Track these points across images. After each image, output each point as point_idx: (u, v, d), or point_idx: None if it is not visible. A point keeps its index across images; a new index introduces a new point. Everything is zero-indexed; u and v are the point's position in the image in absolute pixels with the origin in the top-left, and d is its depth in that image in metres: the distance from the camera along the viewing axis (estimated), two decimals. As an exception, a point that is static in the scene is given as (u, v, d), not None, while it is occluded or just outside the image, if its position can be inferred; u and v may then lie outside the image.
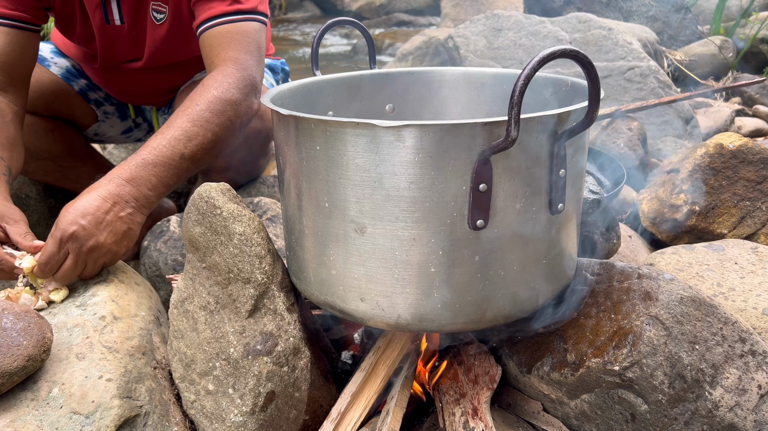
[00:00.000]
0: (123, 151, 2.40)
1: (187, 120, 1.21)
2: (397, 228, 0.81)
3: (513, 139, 0.72)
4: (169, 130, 1.20)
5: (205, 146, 1.23)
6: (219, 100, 1.24)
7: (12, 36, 1.37)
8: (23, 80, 1.43)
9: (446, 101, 1.24)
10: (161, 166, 1.17)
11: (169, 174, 1.19)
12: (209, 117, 1.23)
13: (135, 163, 1.16)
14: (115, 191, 1.12)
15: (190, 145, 1.20)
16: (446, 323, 0.86)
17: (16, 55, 1.38)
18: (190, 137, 1.20)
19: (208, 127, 1.22)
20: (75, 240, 1.07)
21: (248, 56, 1.34)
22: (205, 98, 1.24)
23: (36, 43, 1.43)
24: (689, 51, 3.53)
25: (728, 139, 1.55)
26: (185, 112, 1.22)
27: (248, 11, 1.37)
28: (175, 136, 1.19)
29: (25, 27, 1.39)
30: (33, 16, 1.40)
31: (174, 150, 1.18)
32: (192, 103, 1.23)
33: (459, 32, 3.00)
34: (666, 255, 1.36)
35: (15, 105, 1.38)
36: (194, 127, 1.21)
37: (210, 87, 1.26)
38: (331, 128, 0.80)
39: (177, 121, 1.21)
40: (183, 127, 1.20)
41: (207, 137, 1.22)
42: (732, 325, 0.92)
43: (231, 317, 0.98)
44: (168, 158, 1.18)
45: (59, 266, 1.09)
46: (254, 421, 0.94)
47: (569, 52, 0.72)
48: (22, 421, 0.89)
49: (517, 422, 1.01)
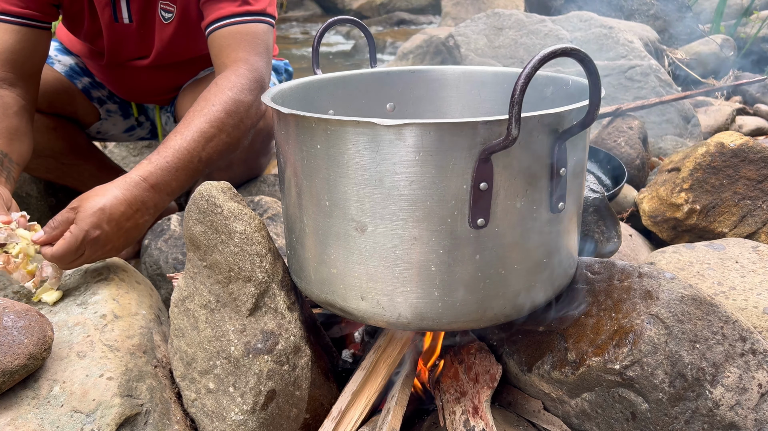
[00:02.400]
0: (124, 149, 2.40)
1: (205, 121, 1.21)
2: (397, 227, 0.81)
3: (514, 137, 0.72)
4: (188, 130, 1.20)
5: (220, 148, 1.23)
6: (234, 101, 1.25)
7: (23, 34, 1.37)
8: (33, 76, 1.43)
9: (447, 100, 1.24)
10: (182, 170, 1.18)
11: (187, 177, 1.20)
12: (225, 118, 1.23)
13: (159, 166, 1.16)
14: (140, 197, 1.13)
15: (207, 147, 1.21)
16: (447, 322, 0.86)
17: (27, 52, 1.39)
18: (207, 139, 1.20)
19: (223, 128, 1.23)
20: (95, 243, 1.08)
21: (258, 58, 1.34)
22: (220, 99, 1.24)
23: (47, 40, 1.44)
24: (690, 50, 3.53)
25: (729, 138, 1.55)
26: (201, 113, 1.22)
27: (258, 12, 1.38)
28: (194, 137, 1.19)
29: (35, 25, 1.39)
30: (43, 13, 1.40)
31: (193, 153, 1.19)
32: (208, 103, 1.23)
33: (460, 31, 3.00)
34: (667, 254, 1.36)
35: (23, 99, 1.39)
36: (211, 129, 1.21)
37: (225, 88, 1.26)
38: (332, 127, 0.80)
39: (194, 122, 1.21)
40: (201, 128, 1.20)
41: (222, 139, 1.23)
42: (733, 324, 0.92)
43: (232, 315, 0.98)
44: (188, 162, 1.18)
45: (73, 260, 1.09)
46: (255, 420, 0.94)
47: (570, 50, 0.72)
48: (23, 419, 0.89)
49: (517, 421, 1.01)
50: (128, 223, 1.11)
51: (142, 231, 1.16)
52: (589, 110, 0.78)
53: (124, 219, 1.10)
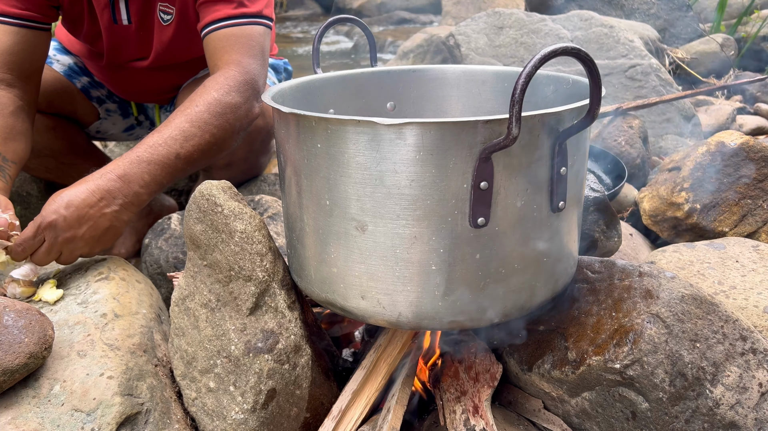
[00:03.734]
0: (124, 148, 2.40)
1: (186, 120, 1.21)
2: (398, 226, 0.81)
3: (514, 137, 0.72)
4: (166, 128, 1.20)
5: (202, 147, 1.22)
6: (218, 102, 1.24)
7: (22, 35, 1.37)
8: (32, 77, 1.43)
9: (447, 99, 1.24)
10: (155, 164, 1.17)
11: (163, 173, 1.18)
12: (208, 119, 1.22)
13: (129, 159, 1.16)
14: (104, 186, 1.12)
15: (186, 145, 1.20)
16: (447, 321, 0.86)
17: (25, 53, 1.38)
18: (187, 137, 1.20)
19: (206, 128, 1.22)
20: (52, 229, 1.08)
21: (251, 60, 1.34)
22: (204, 99, 1.23)
23: (47, 41, 1.44)
24: (691, 49, 3.52)
25: (729, 137, 1.55)
26: (184, 112, 1.22)
27: (253, 15, 1.37)
28: (172, 135, 1.19)
29: (34, 26, 1.39)
30: (43, 14, 1.40)
31: (170, 149, 1.18)
32: (192, 103, 1.23)
33: (460, 30, 3.00)
34: (667, 253, 1.36)
35: (20, 99, 1.38)
36: (192, 128, 1.21)
37: (210, 89, 1.25)
38: (332, 126, 0.80)
39: (175, 121, 1.21)
40: (181, 126, 1.20)
41: (204, 138, 1.22)
42: (733, 323, 0.92)
43: (232, 315, 0.98)
44: (163, 157, 1.17)
45: (33, 250, 1.11)
46: (255, 419, 0.94)
47: (571, 49, 0.72)
48: (23, 418, 0.89)
49: (517, 420, 1.01)
50: (92, 211, 1.11)
51: (116, 223, 1.15)
52: (590, 109, 0.78)
53: (86, 206, 1.10)
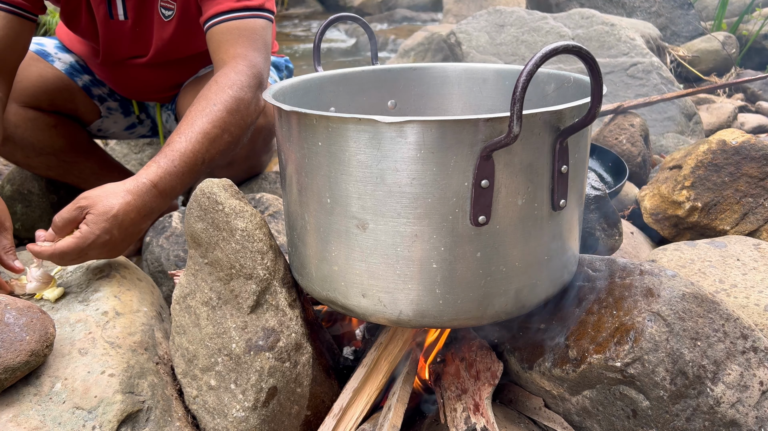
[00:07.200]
0: (126, 146, 2.40)
1: (208, 122, 1.20)
2: (398, 224, 0.81)
3: (515, 135, 0.72)
4: (191, 131, 1.19)
5: (222, 148, 1.23)
6: (234, 99, 1.24)
7: (8, 21, 1.36)
8: (10, 68, 1.41)
9: (448, 97, 1.24)
10: (187, 174, 1.18)
11: (191, 180, 1.20)
12: (227, 117, 1.23)
13: (169, 171, 1.15)
14: (149, 204, 1.13)
15: (211, 149, 1.20)
16: (448, 319, 0.86)
17: (9, 41, 1.37)
18: (211, 141, 1.20)
19: (226, 128, 1.22)
20: (102, 247, 1.08)
21: (257, 53, 1.34)
22: (221, 98, 1.23)
23: (30, 33, 1.42)
24: (692, 47, 3.52)
25: (731, 135, 1.55)
26: (203, 112, 1.21)
27: (256, 8, 1.37)
28: (198, 139, 1.19)
29: (21, 14, 1.37)
30: (31, 4, 1.38)
31: (197, 156, 1.19)
32: (209, 102, 1.23)
33: (461, 28, 3.00)
34: (668, 251, 1.36)
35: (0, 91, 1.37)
36: (214, 129, 1.21)
37: (225, 86, 1.25)
38: (333, 124, 0.80)
39: (197, 122, 1.20)
40: (204, 129, 1.20)
41: (224, 139, 1.23)
42: (734, 322, 0.92)
43: (233, 313, 0.98)
44: (192, 164, 1.18)
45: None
46: (256, 417, 0.95)
47: (572, 48, 0.72)
48: (25, 416, 0.89)
49: (518, 418, 1.01)
50: (134, 229, 1.12)
51: (141, 234, 1.18)
52: (591, 107, 0.78)
53: (132, 225, 1.11)
